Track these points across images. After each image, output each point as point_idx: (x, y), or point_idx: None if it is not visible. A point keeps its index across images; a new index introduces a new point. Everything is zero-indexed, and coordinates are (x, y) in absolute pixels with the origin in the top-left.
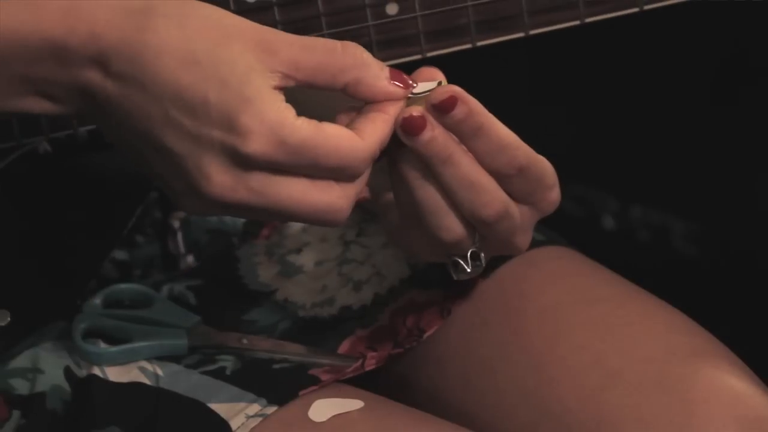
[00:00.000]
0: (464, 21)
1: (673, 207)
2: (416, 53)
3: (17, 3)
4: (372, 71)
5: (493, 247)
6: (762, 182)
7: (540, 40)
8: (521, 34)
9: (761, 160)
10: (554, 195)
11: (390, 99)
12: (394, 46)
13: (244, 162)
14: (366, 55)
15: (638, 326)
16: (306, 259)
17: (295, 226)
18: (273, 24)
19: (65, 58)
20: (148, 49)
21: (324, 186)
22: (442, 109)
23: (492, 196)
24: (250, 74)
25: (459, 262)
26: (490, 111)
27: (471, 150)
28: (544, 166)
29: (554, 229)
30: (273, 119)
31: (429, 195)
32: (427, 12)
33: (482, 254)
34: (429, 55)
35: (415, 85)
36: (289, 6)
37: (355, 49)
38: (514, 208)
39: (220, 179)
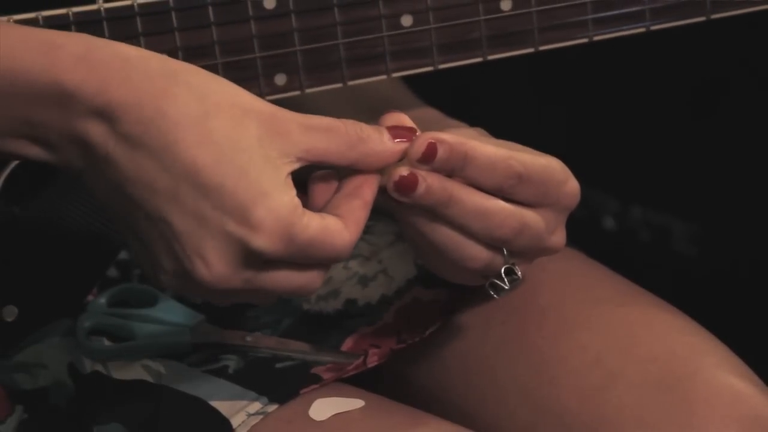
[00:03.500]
0: (476, 35)
1: (673, 208)
2: (428, 65)
3: (34, 41)
4: (374, 141)
5: (528, 257)
6: (762, 183)
7: None
8: (531, 50)
9: (761, 161)
10: (570, 187)
11: (399, 157)
12: (407, 57)
13: (249, 255)
14: (364, 128)
15: (639, 326)
16: None
17: None
18: (290, 31)
19: (69, 105)
20: (165, 117)
21: (304, 270)
22: (426, 159)
23: (503, 216)
24: (267, 165)
25: (496, 283)
26: (492, 114)
27: (466, 179)
28: (547, 164)
29: None
30: (286, 216)
31: (443, 234)
32: (440, 25)
33: (516, 268)
34: (441, 67)
35: (416, 132)
36: (306, 14)
37: (354, 126)
38: (532, 218)
39: (219, 269)
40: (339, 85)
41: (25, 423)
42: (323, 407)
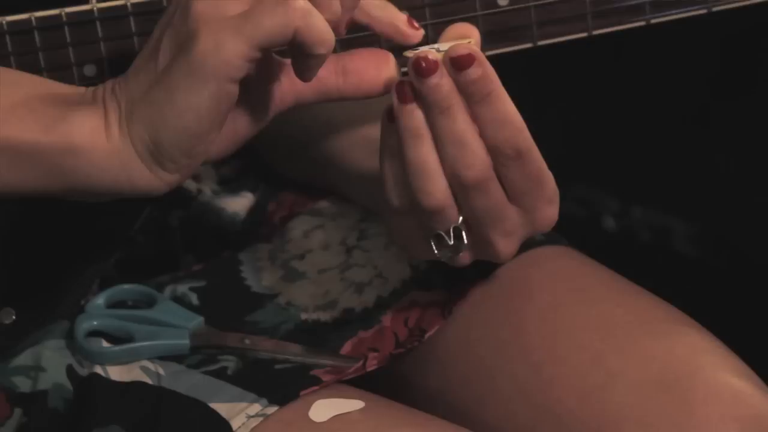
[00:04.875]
0: None
1: (673, 208)
2: None
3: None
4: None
5: (474, 241)
6: (762, 183)
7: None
8: (529, 45)
9: (762, 161)
10: (551, 211)
11: None
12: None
13: None
14: None
15: (638, 326)
16: (309, 266)
17: (297, 232)
18: None
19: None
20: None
21: None
22: (457, 64)
23: (477, 159)
24: None
25: (441, 235)
26: None
27: (475, 115)
28: (548, 175)
29: (554, 229)
30: None
31: (418, 154)
32: (437, 20)
33: (464, 233)
34: None
35: None
36: None
37: None
38: (497, 186)
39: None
40: None
41: (24, 426)
42: (323, 409)
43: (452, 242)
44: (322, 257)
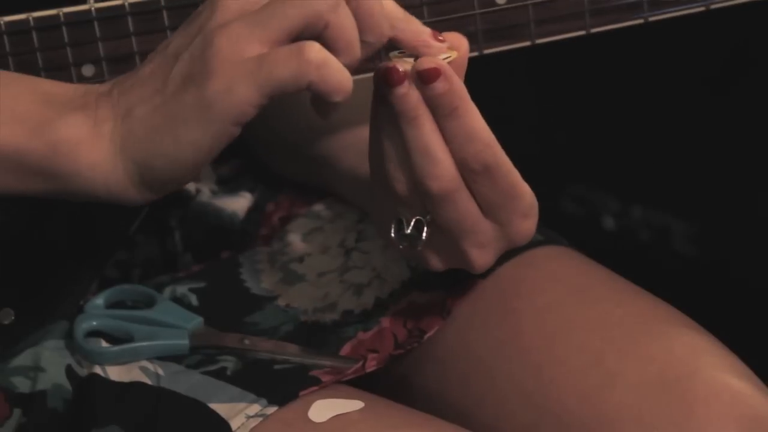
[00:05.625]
0: (472, 29)
1: (673, 208)
2: None
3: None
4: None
5: (447, 248)
6: (762, 183)
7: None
8: (527, 43)
9: (762, 161)
10: (526, 225)
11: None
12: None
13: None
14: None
15: (637, 326)
16: (308, 269)
17: (295, 235)
18: None
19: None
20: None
21: None
22: (423, 77)
23: (443, 171)
24: None
25: (402, 221)
26: (489, 112)
27: (443, 129)
28: (522, 189)
29: (554, 229)
30: None
31: (393, 144)
32: (435, 19)
33: (426, 228)
34: None
35: None
36: None
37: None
38: (467, 199)
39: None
40: None
41: (23, 426)
42: (322, 409)
43: (408, 231)
44: (321, 260)
